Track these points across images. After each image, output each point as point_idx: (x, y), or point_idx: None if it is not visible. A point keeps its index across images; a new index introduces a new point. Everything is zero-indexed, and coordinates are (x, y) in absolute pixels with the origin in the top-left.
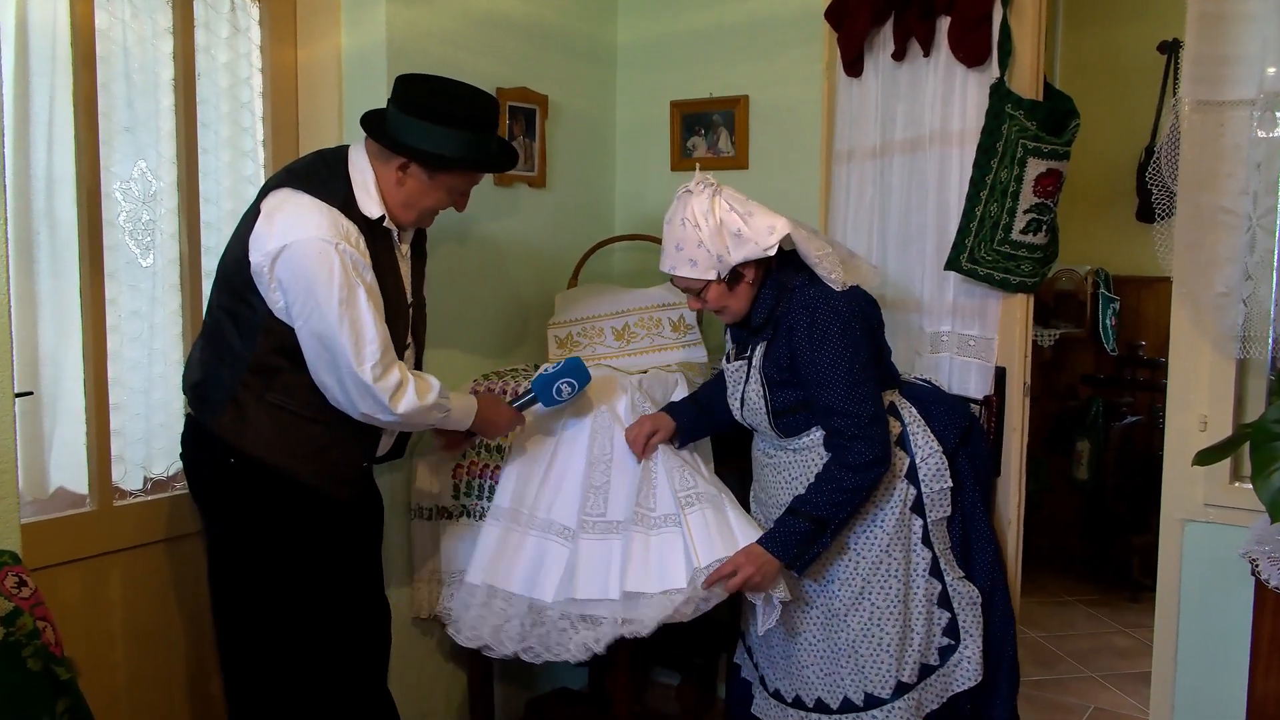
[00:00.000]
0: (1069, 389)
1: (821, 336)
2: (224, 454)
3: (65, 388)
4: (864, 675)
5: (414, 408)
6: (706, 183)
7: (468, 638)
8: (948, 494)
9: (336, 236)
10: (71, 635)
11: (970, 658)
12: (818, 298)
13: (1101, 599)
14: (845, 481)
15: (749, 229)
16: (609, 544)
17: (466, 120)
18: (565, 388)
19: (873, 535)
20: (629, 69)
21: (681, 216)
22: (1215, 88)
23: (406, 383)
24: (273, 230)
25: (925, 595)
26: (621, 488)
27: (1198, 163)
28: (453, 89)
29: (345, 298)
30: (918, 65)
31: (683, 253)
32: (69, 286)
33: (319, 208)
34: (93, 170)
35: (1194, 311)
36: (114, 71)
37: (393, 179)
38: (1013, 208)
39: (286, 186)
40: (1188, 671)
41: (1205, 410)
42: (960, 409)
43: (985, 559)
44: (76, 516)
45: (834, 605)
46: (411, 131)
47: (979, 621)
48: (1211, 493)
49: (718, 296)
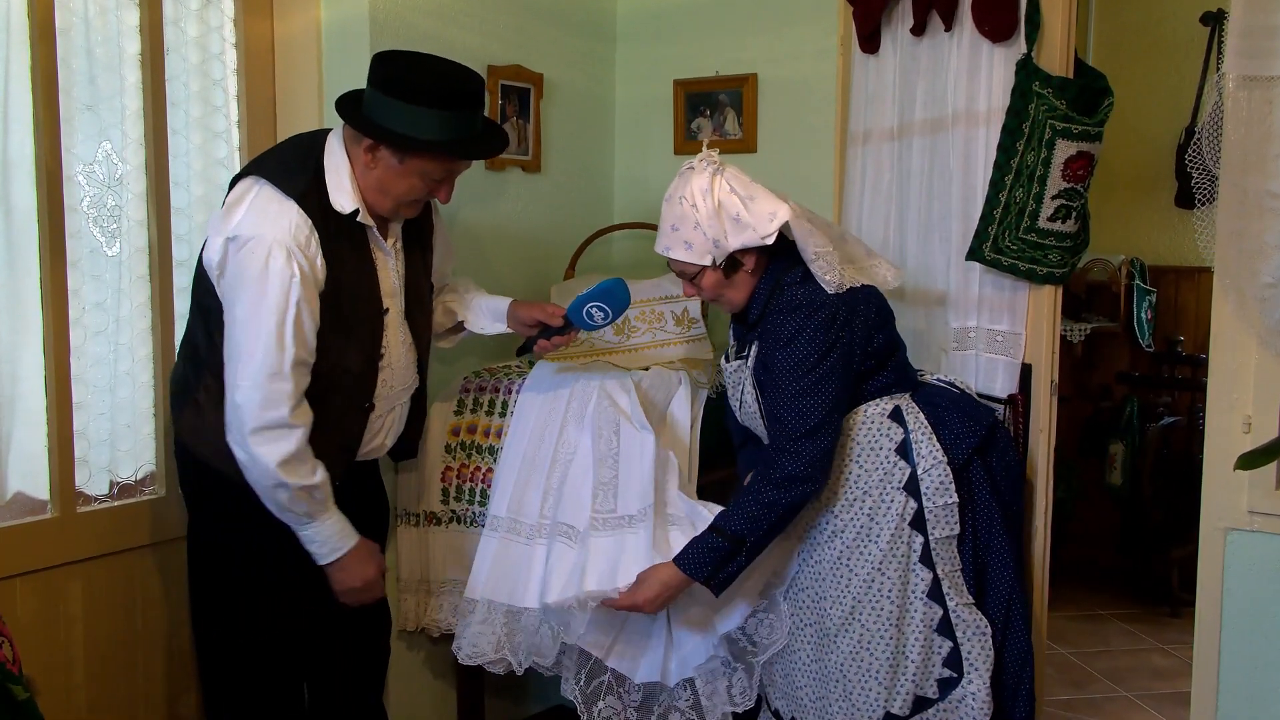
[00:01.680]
0: (1102, 388)
1: (788, 339)
2: (189, 454)
3: (24, 386)
4: (851, 701)
5: (273, 460)
6: (710, 160)
7: (468, 655)
8: (954, 510)
9: (278, 238)
10: (30, 652)
11: (976, 694)
12: (801, 298)
13: (1138, 614)
14: (764, 495)
15: (749, 214)
16: (621, 538)
17: (442, 98)
18: (596, 313)
19: (866, 551)
20: (629, 43)
21: (680, 194)
22: (1263, 62)
23: (289, 434)
24: (230, 222)
25: (923, 620)
26: (631, 482)
27: (1243, 143)
28: (429, 64)
29: (255, 301)
30: (939, 40)
31: (678, 233)
32: (28, 277)
33: (279, 205)
34: (53, 152)
35: (1238, 304)
36: (75, 45)
37: (363, 162)
38: (1040, 193)
39: (250, 175)
40: (1231, 693)
41: (1249, 410)
42: (980, 416)
43: (1002, 585)
44: (36, 524)
45: (826, 625)
46: (382, 110)
47: (988, 655)
48: (1256, 499)
49: (713, 285)
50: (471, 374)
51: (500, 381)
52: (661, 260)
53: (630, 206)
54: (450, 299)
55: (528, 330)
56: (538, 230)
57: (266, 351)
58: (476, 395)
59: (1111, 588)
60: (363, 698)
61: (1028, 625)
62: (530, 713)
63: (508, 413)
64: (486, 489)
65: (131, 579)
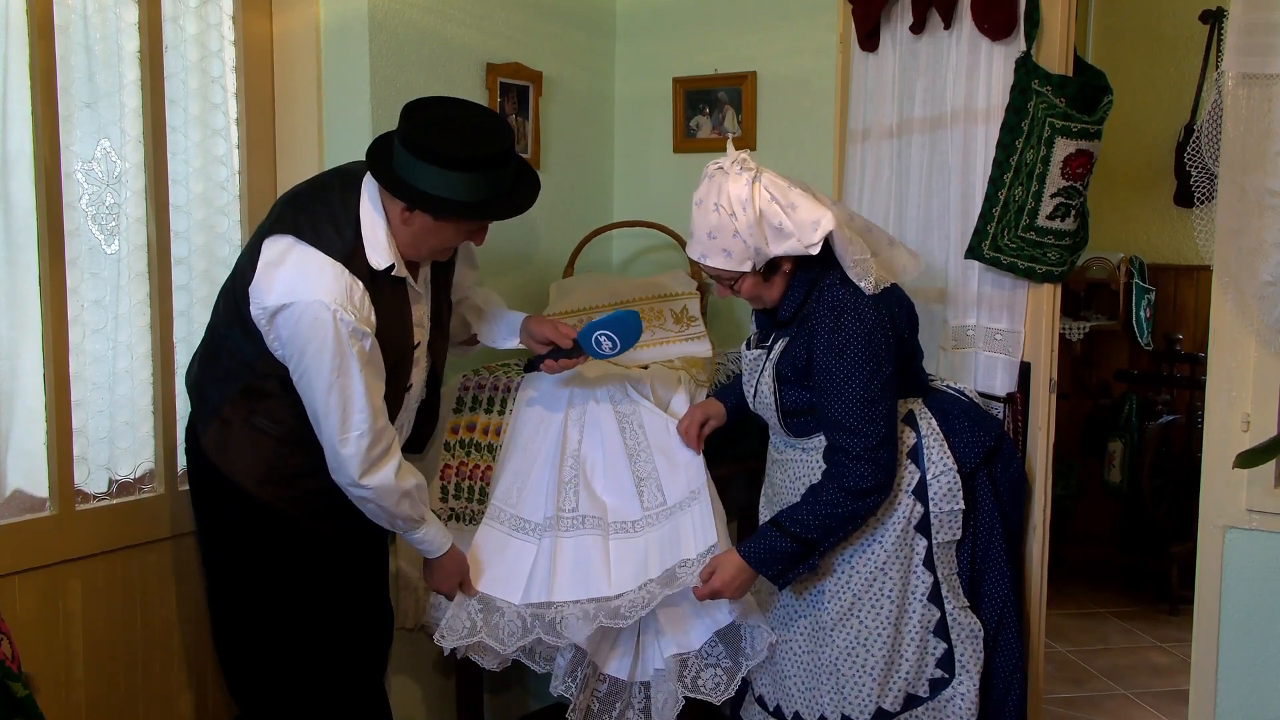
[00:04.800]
0: (1101, 386)
1: (843, 345)
2: (210, 466)
3: (23, 384)
4: (843, 695)
5: (387, 484)
6: (744, 166)
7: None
8: (959, 516)
9: (337, 301)
10: (29, 650)
11: (965, 695)
12: (846, 301)
13: (1137, 612)
14: (840, 506)
15: (791, 223)
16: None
17: (472, 163)
18: (605, 341)
19: (870, 551)
20: (629, 40)
21: (715, 201)
22: (1263, 59)
23: (391, 457)
24: (272, 286)
25: (921, 621)
26: (676, 472)
27: (1242, 141)
28: (457, 125)
29: (338, 366)
30: (938, 38)
31: (715, 241)
32: (26, 275)
33: (321, 265)
34: (51, 150)
35: (1237, 302)
36: (73, 42)
37: (399, 218)
38: (1039, 191)
39: (290, 234)
40: (1230, 690)
41: (1248, 409)
42: (989, 426)
43: (997, 592)
44: (35, 521)
45: (822, 619)
46: (414, 173)
47: (979, 657)
48: (1255, 498)
49: (752, 287)
50: (471, 372)
51: (500, 379)
52: (659, 259)
53: (629, 204)
54: (468, 311)
55: (540, 347)
56: (537, 228)
57: (360, 410)
58: (476, 393)
59: (1110, 585)
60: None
61: (1019, 632)
62: (529, 710)
63: (507, 410)
64: (486, 486)
65: (130, 576)
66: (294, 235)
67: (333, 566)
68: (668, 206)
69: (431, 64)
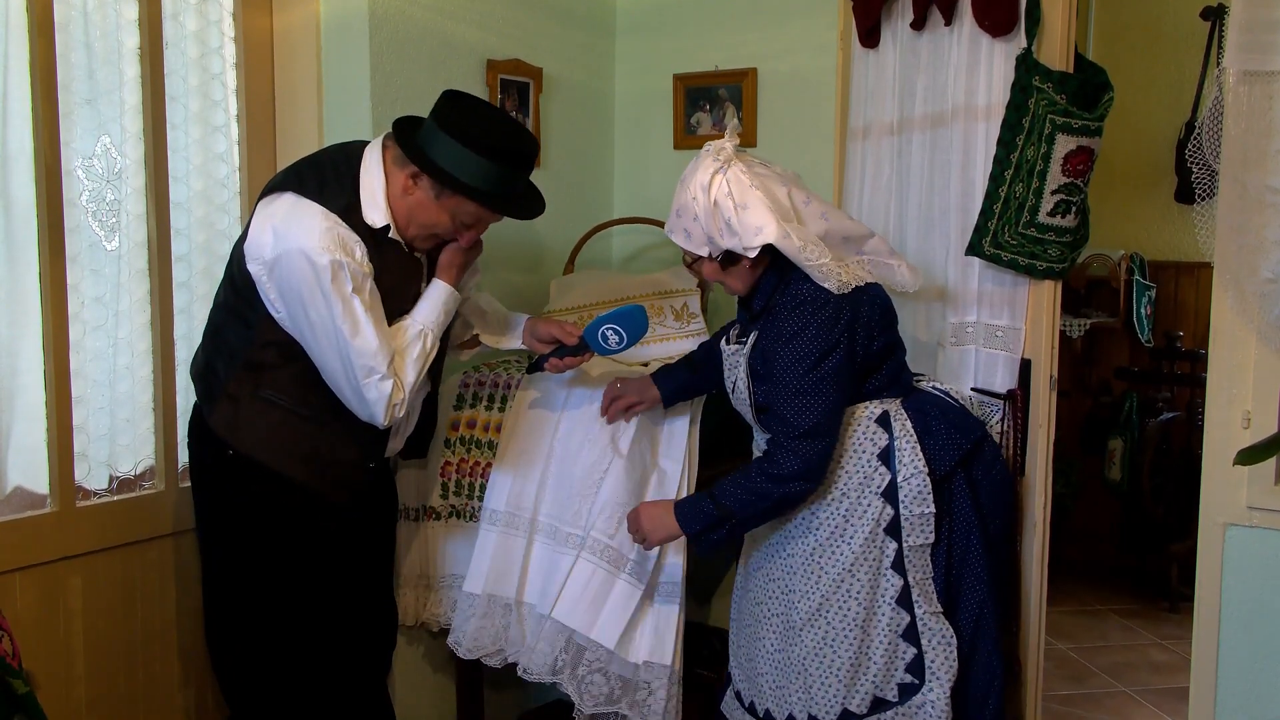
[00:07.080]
0: (1101, 383)
1: (791, 334)
2: (223, 446)
3: (23, 380)
4: (810, 695)
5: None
6: (717, 155)
7: (469, 650)
8: (930, 520)
9: (332, 249)
10: (29, 646)
11: (935, 703)
12: (807, 294)
13: (1137, 609)
14: (759, 486)
15: (738, 222)
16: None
17: (494, 151)
18: (612, 335)
19: (838, 551)
20: (629, 37)
21: (688, 181)
22: (1264, 56)
23: (400, 390)
24: (265, 239)
25: (890, 625)
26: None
27: (1243, 138)
28: (493, 115)
29: (341, 312)
30: (939, 35)
31: (680, 220)
32: (27, 272)
33: (317, 215)
34: (52, 146)
35: (1238, 299)
36: (73, 40)
37: (401, 186)
38: (1040, 188)
39: (289, 190)
40: (1230, 688)
41: (1249, 406)
42: (968, 429)
43: (974, 598)
44: (35, 518)
45: (792, 617)
46: (434, 143)
47: (951, 664)
48: (1255, 495)
49: (712, 272)
50: (471, 369)
51: (500, 376)
52: (660, 257)
53: (630, 201)
54: (470, 313)
55: (543, 347)
56: (537, 225)
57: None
58: (476, 390)
59: (1110, 583)
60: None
61: (997, 640)
62: (529, 707)
63: (507, 407)
64: (485, 484)
65: (131, 573)
66: (294, 192)
67: (340, 558)
68: (668, 203)
69: (432, 61)
